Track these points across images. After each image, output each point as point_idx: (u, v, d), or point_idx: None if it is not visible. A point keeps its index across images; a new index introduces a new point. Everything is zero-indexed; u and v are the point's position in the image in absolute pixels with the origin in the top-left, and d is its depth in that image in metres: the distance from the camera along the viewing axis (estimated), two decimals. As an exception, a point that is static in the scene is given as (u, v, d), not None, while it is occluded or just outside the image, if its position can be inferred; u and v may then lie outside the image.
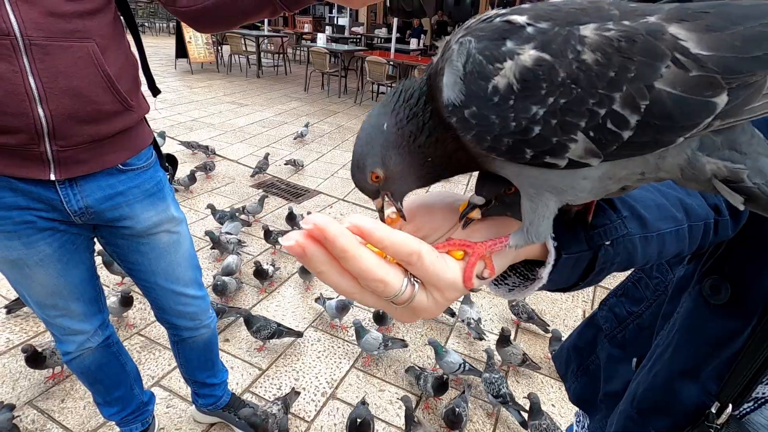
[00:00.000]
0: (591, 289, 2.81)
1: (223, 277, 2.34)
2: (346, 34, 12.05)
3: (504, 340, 2.04)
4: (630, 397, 0.60)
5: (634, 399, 0.59)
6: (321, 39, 8.42)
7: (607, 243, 0.36)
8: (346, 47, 8.53)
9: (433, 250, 0.29)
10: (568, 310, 2.66)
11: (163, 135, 4.40)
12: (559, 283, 0.37)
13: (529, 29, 0.25)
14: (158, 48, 10.53)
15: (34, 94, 0.86)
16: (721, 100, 0.24)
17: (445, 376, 1.82)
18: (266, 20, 9.10)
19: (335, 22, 12.74)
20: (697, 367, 0.53)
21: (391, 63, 7.26)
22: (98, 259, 2.22)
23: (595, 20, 0.24)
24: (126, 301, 2.09)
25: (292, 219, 3.03)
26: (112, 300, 2.05)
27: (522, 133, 0.26)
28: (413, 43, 9.36)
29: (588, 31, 0.24)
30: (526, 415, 1.74)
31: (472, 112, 0.26)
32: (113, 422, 1.53)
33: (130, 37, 1.09)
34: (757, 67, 0.23)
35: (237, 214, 3.05)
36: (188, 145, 4.43)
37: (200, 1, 0.91)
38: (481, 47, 0.26)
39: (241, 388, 1.91)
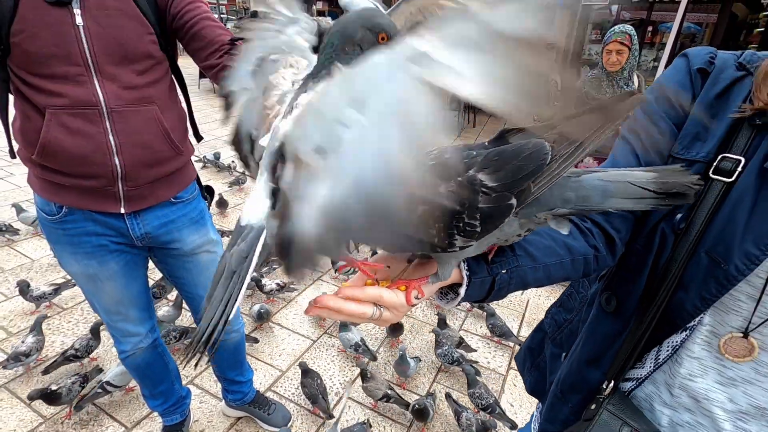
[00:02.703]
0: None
1: (265, 305, 2.55)
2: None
3: (442, 322, 2.36)
4: (557, 381, 0.81)
5: (558, 382, 0.80)
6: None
7: (503, 271, 0.58)
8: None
9: (389, 291, 0.52)
10: (566, 320, 2.83)
11: (218, 156, 4.84)
12: (474, 297, 0.59)
13: None
14: (183, 69, 11.03)
15: (113, 148, 1.13)
16: (513, 201, 0.46)
17: (416, 405, 1.91)
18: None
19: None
20: (598, 357, 0.74)
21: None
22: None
23: (451, 179, 0.47)
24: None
25: None
26: (166, 309, 2.36)
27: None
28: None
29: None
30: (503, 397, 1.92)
31: None
32: (156, 413, 1.78)
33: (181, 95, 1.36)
34: (522, 182, 0.46)
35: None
36: (215, 164, 4.79)
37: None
38: None
39: (264, 387, 2.14)
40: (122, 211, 1.22)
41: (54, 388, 1.81)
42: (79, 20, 1.02)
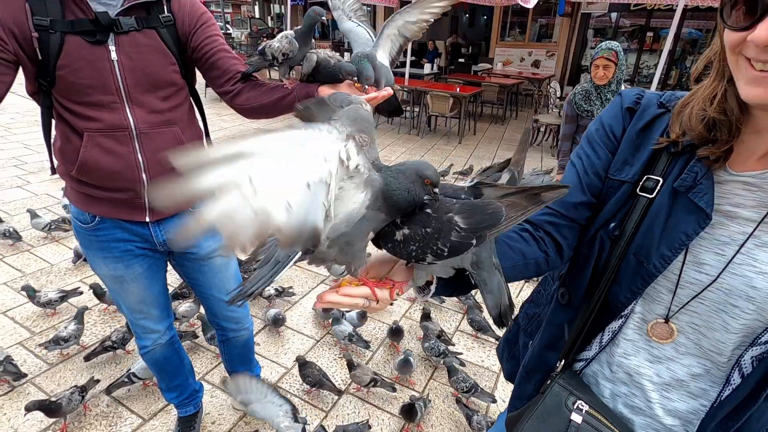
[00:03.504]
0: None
1: (281, 312, 2.68)
2: (364, 58, 12.57)
3: (425, 316, 2.57)
4: (523, 364, 0.95)
5: (524, 365, 0.94)
6: (339, 67, 8.94)
7: (465, 273, 0.73)
8: (362, 73, 9.03)
9: (378, 289, 0.67)
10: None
11: None
12: (443, 293, 0.74)
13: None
14: (189, 77, 11.28)
15: (141, 165, 1.28)
16: (474, 240, 0.61)
17: (406, 403, 2.04)
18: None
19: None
20: (554, 342, 0.88)
21: (405, 89, 7.69)
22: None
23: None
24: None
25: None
26: (188, 304, 2.55)
27: (407, 255, 0.63)
28: (427, 68, 9.81)
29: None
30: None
31: (387, 247, 0.65)
32: (172, 405, 1.92)
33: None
34: (483, 230, 0.61)
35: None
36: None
37: (251, 102, 1.31)
38: None
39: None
40: (147, 219, 1.37)
41: (54, 399, 1.86)
42: (114, 56, 1.17)
